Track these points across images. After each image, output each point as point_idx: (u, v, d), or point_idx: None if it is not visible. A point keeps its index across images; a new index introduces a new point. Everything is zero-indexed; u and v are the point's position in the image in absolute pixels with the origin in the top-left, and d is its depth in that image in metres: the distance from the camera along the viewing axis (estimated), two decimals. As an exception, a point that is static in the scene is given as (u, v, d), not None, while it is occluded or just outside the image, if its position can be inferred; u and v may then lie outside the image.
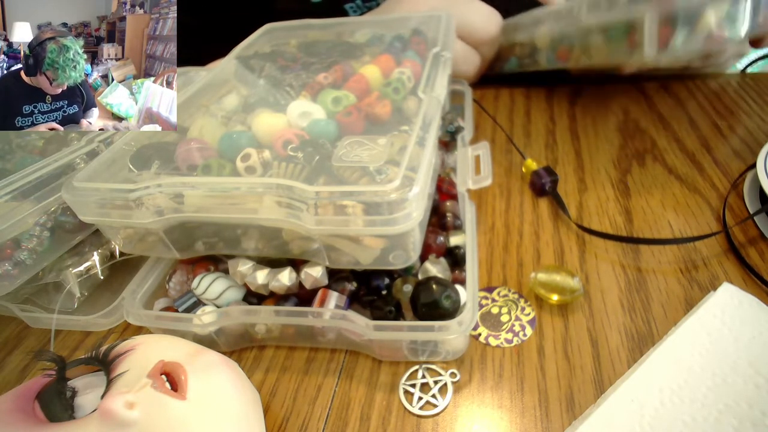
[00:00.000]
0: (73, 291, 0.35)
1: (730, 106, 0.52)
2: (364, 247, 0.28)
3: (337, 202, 0.25)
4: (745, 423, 0.25)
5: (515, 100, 0.57)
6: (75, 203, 0.30)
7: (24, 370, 0.34)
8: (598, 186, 0.43)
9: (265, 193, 0.26)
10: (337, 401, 0.29)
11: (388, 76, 0.37)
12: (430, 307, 0.29)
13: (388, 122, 0.33)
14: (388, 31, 0.46)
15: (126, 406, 0.21)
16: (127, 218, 0.29)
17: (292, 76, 0.39)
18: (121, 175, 0.32)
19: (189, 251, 0.32)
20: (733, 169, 0.43)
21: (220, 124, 0.35)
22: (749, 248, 0.35)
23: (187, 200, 0.27)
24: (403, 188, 0.25)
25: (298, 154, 0.30)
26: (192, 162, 0.31)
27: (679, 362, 0.28)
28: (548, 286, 0.33)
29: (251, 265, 0.31)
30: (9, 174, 0.33)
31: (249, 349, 0.33)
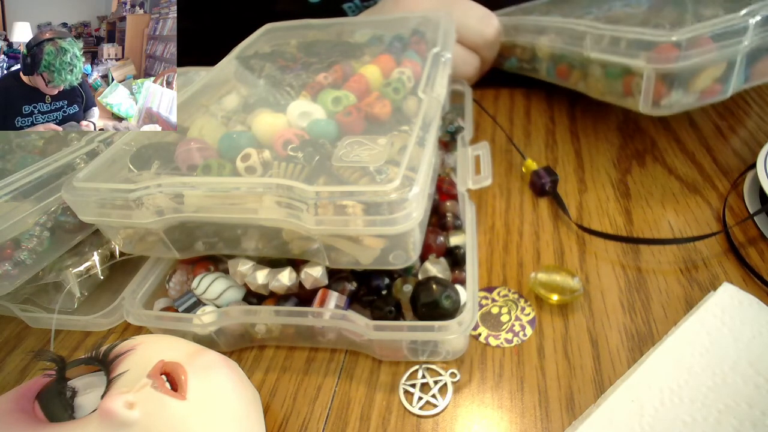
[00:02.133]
0: (73, 291, 0.35)
1: (730, 106, 0.52)
2: (364, 247, 0.28)
3: (337, 202, 0.25)
4: (745, 423, 0.25)
5: (515, 100, 0.57)
6: (75, 203, 0.30)
7: (24, 370, 0.34)
8: (598, 186, 0.43)
9: (265, 193, 0.26)
10: (337, 401, 0.29)
11: (388, 76, 0.37)
12: (430, 307, 0.29)
13: (388, 122, 0.33)
14: (388, 31, 0.46)
15: (126, 406, 0.21)
16: (127, 218, 0.29)
17: (292, 76, 0.39)
18: (121, 175, 0.32)
19: (189, 251, 0.32)
20: (733, 169, 0.43)
21: (220, 124, 0.35)
22: (749, 248, 0.35)
23: (187, 200, 0.28)
24: (403, 188, 0.25)
25: (298, 154, 0.30)
26: (192, 162, 0.31)
27: (679, 362, 0.28)
28: (548, 286, 0.33)
29: (251, 265, 0.31)
30: (9, 174, 0.33)
31: (249, 349, 0.33)
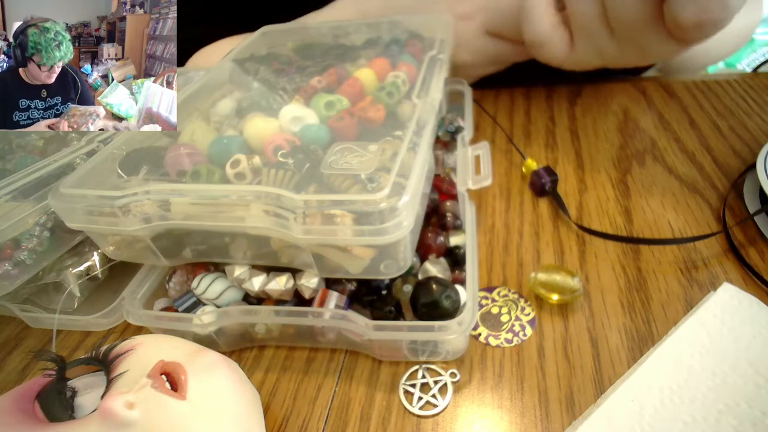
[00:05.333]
0: (73, 292, 0.35)
1: (730, 106, 0.52)
2: (353, 256, 0.27)
3: (325, 212, 0.24)
4: (745, 423, 0.25)
5: (515, 100, 0.57)
6: (62, 210, 0.29)
7: (24, 370, 0.34)
8: (598, 186, 0.43)
9: (252, 202, 0.26)
10: (337, 401, 0.29)
11: (383, 80, 0.37)
12: (430, 307, 0.29)
13: (382, 127, 0.33)
14: (385, 34, 0.46)
15: (126, 406, 0.21)
16: (113, 225, 0.28)
17: (286, 80, 0.38)
18: (109, 181, 0.31)
19: (177, 258, 0.32)
20: (733, 169, 0.43)
21: (211, 128, 0.35)
22: (749, 248, 0.35)
23: (174, 208, 0.27)
24: (393, 197, 0.24)
25: (289, 160, 0.29)
26: (181, 167, 0.30)
27: (679, 362, 0.28)
28: (548, 286, 0.33)
29: (247, 269, 0.31)
30: (9, 174, 0.33)
31: (249, 349, 0.33)
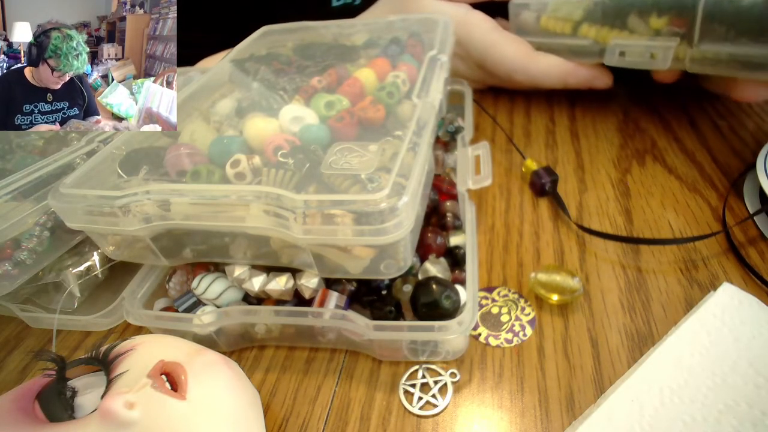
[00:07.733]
0: (73, 292, 0.35)
1: (730, 106, 0.52)
2: (353, 257, 0.27)
3: (325, 212, 0.24)
4: (745, 423, 0.25)
5: (515, 100, 0.57)
6: (62, 210, 0.29)
7: (24, 370, 0.34)
8: (598, 186, 0.43)
9: (252, 202, 0.26)
10: (337, 401, 0.29)
11: (383, 80, 0.36)
12: (430, 307, 0.29)
13: (382, 127, 0.33)
14: (385, 33, 0.46)
15: (126, 406, 0.21)
16: (113, 225, 0.28)
17: (286, 80, 0.38)
18: (109, 181, 0.31)
19: (177, 258, 0.32)
20: (733, 169, 0.43)
21: (211, 128, 0.35)
22: (749, 248, 0.35)
23: (174, 208, 0.27)
24: (393, 197, 0.24)
25: (289, 160, 0.29)
26: (181, 167, 0.30)
27: (679, 362, 0.28)
28: (548, 286, 0.33)
29: (247, 269, 0.31)
30: (9, 174, 0.33)
31: (249, 349, 0.33)
